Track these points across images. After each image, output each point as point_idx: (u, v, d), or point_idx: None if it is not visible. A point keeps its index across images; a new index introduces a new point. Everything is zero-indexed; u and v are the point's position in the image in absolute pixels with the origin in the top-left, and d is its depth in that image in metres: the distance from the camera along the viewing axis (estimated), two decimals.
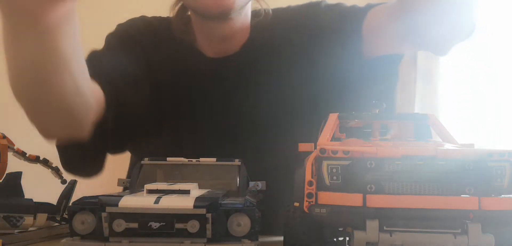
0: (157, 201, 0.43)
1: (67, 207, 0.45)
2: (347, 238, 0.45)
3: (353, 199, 0.40)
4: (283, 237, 0.46)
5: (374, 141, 0.50)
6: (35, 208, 0.61)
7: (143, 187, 0.47)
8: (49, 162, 0.69)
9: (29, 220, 0.60)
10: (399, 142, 0.49)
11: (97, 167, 0.79)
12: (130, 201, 0.43)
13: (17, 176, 0.61)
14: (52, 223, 0.65)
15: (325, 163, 0.41)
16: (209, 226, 0.42)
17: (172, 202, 0.43)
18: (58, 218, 0.66)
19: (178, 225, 0.42)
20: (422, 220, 0.39)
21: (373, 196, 0.39)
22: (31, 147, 0.66)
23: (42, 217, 0.62)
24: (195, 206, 0.42)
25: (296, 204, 0.44)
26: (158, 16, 0.90)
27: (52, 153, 0.73)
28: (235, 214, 0.44)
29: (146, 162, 0.58)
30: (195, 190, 0.48)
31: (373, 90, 0.78)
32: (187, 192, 0.45)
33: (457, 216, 0.39)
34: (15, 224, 0.59)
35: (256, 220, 0.44)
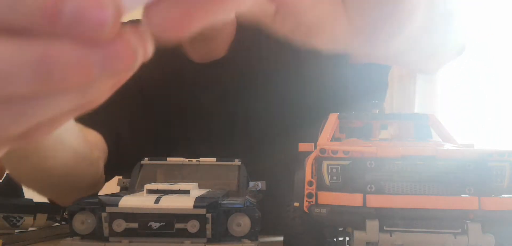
0: (157, 201, 0.43)
1: (67, 207, 0.45)
2: (347, 238, 0.45)
3: (353, 199, 0.40)
4: (283, 237, 0.46)
5: (374, 141, 0.50)
6: (35, 208, 0.61)
7: (143, 187, 0.47)
8: None
9: (29, 220, 0.60)
10: (399, 141, 0.49)
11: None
12: (130, 201, 0.43)
13: None
14: (52, 223, 0.65)
15: (325, 163, 0.41)
16: (209, 226, 0.42)
17: (172, 202, 0.43)
18: (58, 218, 0.66)
19: (178, 225, 0.42)
20: (422, 220, 0.39)
21: (373, 196, 0.39)
22: None
23: (42, 217, 0.62)
24: (195, 206, 0.42)
25: (296, 204, 0.44)
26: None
27: None
28: (235, 214, 0.44)
29: (146, 162, 0.58)
30: (195, 190, 0.48)
31: (363, 94, 0.77)
32: (187, 192, 0.45)
33: (457, 216, 0.39)
34: (15, 224, 0.59)
35: (256, 220, 0.44)
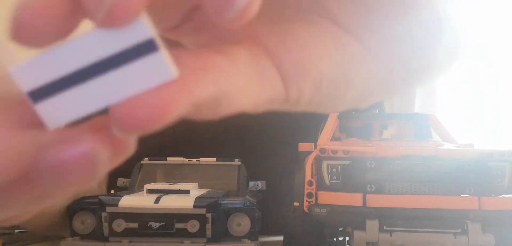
0: (157, 201, 0.43)
1: (67, 207, 0.45)
2: (347, 238, 0.45)
3: (353, 199, 0.40)
4: (283, 237, 0.46)
5: (374, 141, 0.50)
6: None
7: (143, 187, 0.47)
8: None
9: None
10: (399, 141, 0.49)
11: None
12: (130, 201, 0.43)
13: None
14: None
15: (325, 163, 0.41)
16: (209, 226, 0.42)
17: (172, 202, 0.43)
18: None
19: (178, 225, 0.42)
20: (422, 220, 0.39)
21: (373, 196, 0.39)
22: None
23: None
24: (195, 206, 0.42)
25: (296, 204, 0.44)
26: None
27: None
28: (235, 214, 0.44)
29: (146, 162, 0.58)
30: (195, 190, 0.48)
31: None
32: (187, 192, 0.45)
33: (457, 215, 0.39)
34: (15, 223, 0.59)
35: (256, 220, 0.44)
